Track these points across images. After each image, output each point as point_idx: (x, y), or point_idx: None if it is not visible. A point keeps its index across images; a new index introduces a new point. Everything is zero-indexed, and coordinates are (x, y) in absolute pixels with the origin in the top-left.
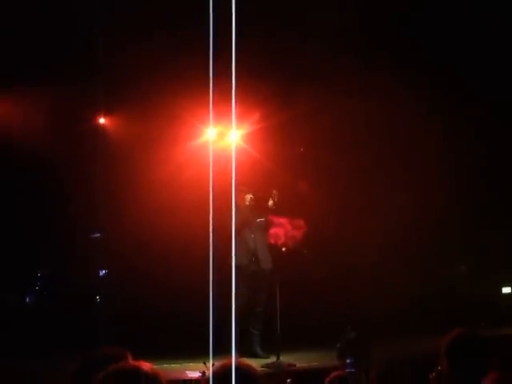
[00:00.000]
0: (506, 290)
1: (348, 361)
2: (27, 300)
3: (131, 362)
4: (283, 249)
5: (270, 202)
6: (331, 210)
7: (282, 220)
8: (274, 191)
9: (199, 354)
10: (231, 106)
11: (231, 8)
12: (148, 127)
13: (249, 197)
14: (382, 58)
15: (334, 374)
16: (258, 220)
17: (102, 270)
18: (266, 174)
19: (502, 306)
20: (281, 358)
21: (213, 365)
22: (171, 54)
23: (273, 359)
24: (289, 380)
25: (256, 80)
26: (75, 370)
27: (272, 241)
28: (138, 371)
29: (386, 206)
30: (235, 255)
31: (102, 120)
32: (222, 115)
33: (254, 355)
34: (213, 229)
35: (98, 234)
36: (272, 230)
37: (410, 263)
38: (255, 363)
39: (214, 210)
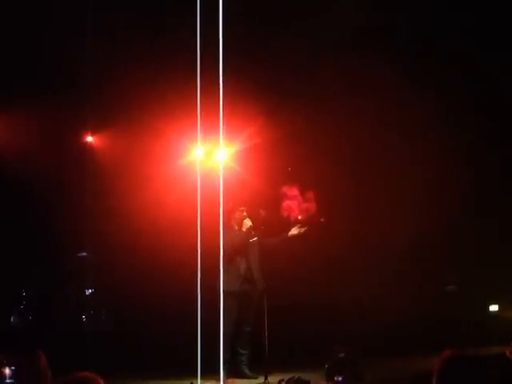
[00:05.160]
0: (493, 307)
1: (339, 378)
2: (12, 319)
3: None
4: (299, 217)
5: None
6: (322, 231)
7: (295, 192)
8: (262, 211)
9: (187, 374)
10: (219, 124)
11: (218, 25)
12: (135, 146)
13: (249, 224)
14: (378, 71)
15: None
16: (251, 240)
17: (88, 289)
18: (255, 193)
19: (490, 323)
20: (269, 378)
21: None
22: (159, 73)
23: (261, 380)
24: None
25: (244, 98)
26: None
27: (285, 214)
28: None
29: (378, 228)
30: (226, 280)
31: (89, 139)
32: (210, 133)
33: (242, 375)
34: (201, 251)
35: (85, 253)
36: (285, 203)
37: (397, 283)
38: None
39: (202, 232)
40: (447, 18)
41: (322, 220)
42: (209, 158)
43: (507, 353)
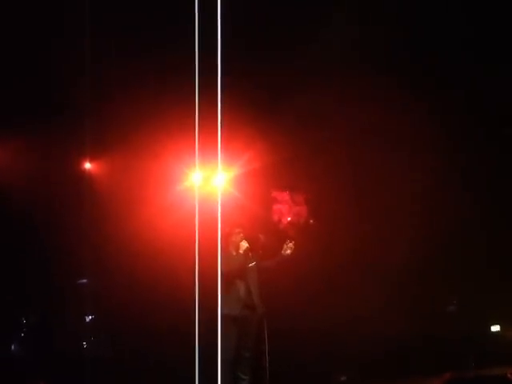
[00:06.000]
0: (494, 328)
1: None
2: (12, 348)
3: None
4: (288, 219)
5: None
6: (318, 254)
7: (286, 196)
8: (261, 236)
9: None
10: (217, 149)
11: (217, 46)
12: (133, 171)
13: (245, 245)
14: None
15: None
16: (250, 265)
17: (88, 316)
18: (254, 218)
19: (492, 344)
20: None
21: None
22: (156, 95)
23: None
24: None
25: (243, 121)
26: None
27: (276, 217)
28: None
29: (374, 247)
30: (227, 304)
31: (87, 165)
32: (209, 158)
33: None
34: (199, 275)
35: (85, 280)
36: (276, 207)
37: (397, 304)
38: None
39: (200, 256)
40: (448, 31)
41: (311, 222)
42: (207, 183)
43: (508, 374)
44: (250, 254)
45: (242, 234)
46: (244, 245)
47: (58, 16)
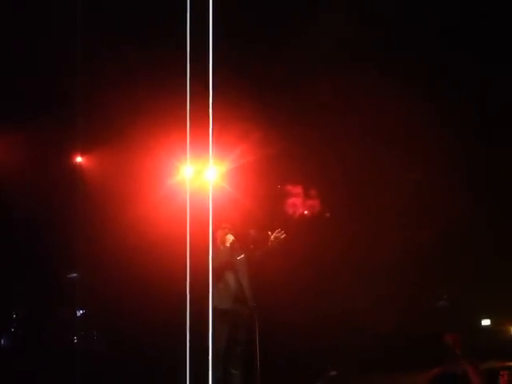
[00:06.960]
0: (485, 322)
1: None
2: (2, 342)
3: None
4: (305, 212)
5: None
6: (307, 255)
7: (299, 190)
8: (252, 231)
9: None
10: (208, 143)
11: (208, 39)
12: (124, 165)
13: (231, 238)
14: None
15: None
16: (239, 258)
17: (79, 310)
18: (245, 213)
19: (482, 338)
20: None
21: None
22: (150, 93)
23: None
24: None
25: (235, 115)
26: None
27: (290, 211)
28: None
29: (366, 244)
30: (217, 298)
31: (78, 159)
32: (200, 151)
33: None
34: (190, 269)
35: (75, 274)
36: (290, 200)
37: (388, 298)
38: None
39: (191, 250)
40: (440, 30)
41: (327, 215)
42: (198, 177)
43: (501, 372)
44: (237, 246)
45: (227, 230)
46: (230, 238)
47: (53, 10)
